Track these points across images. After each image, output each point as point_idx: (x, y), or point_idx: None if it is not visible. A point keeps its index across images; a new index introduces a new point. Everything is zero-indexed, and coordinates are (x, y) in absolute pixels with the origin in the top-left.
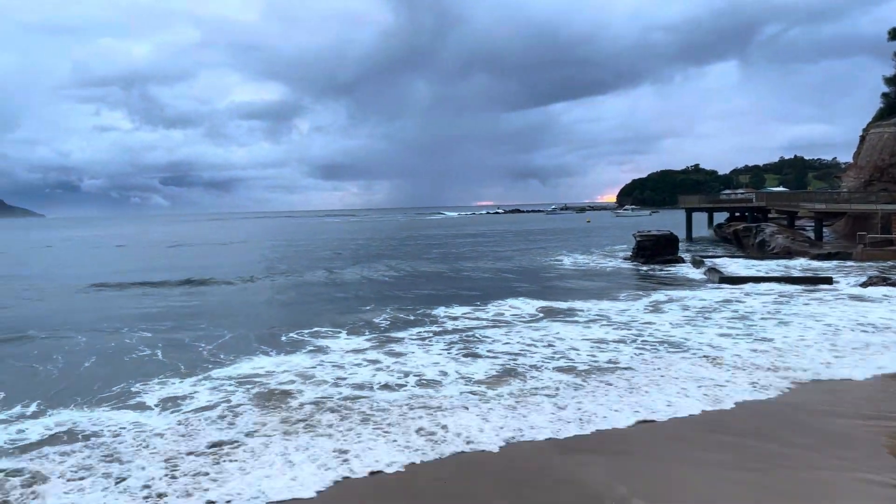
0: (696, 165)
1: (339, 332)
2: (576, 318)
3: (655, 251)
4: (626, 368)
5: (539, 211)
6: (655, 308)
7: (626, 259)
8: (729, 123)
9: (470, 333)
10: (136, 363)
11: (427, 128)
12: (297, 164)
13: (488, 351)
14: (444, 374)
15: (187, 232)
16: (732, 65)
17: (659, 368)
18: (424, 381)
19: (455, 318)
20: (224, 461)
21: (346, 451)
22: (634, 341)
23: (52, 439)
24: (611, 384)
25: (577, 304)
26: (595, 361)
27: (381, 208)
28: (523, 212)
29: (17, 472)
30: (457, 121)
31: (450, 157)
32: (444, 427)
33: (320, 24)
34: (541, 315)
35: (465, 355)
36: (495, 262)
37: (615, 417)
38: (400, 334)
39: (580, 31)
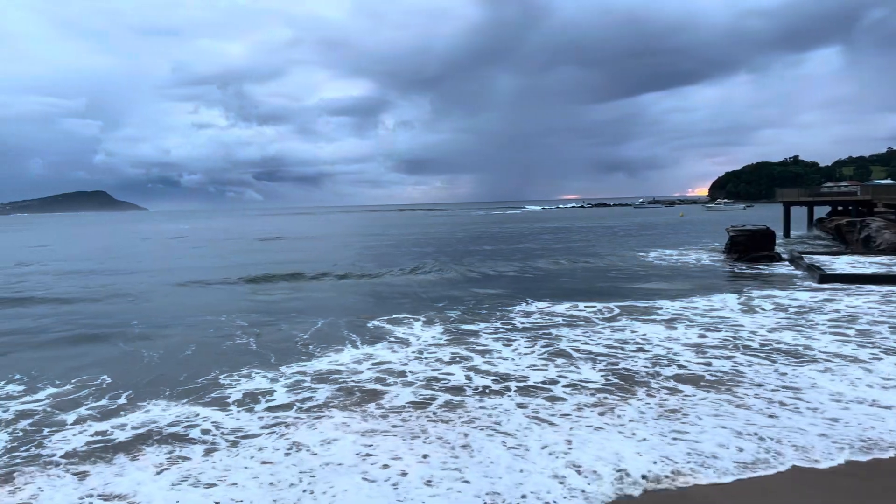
0: (796, 157)
1: (418, 324)
2: (658, 316)
3: (750, 247)
4: (758, 385)
5: (626, 205)
6: (750, 308)
7: (717, 255)
8: (831, 112)
9: (547, 330)
10: (229, 354)
11: (511, 121)
12: (383, 158)
13: (575, 350)
14: (552, 380)
15: (279, 225)
16: (835, 51)
17: (795, 384)
18: (529, 387)
19: (529, 315)
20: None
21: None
22: (737, 347)
23: (137, 438)
24: (764, 399)
25: (663, 303)
26: (710, 368)
27: (464, 202)
28: (609, 205)
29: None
30: (541, 113)
31: (534, 150)
32: (600, 458)
33: (406, 20)
34: (617, 311)
35: (553, 354)
36: (576, 256)
37: (811, 450)
38: (474, 327)
39: (670, 19)
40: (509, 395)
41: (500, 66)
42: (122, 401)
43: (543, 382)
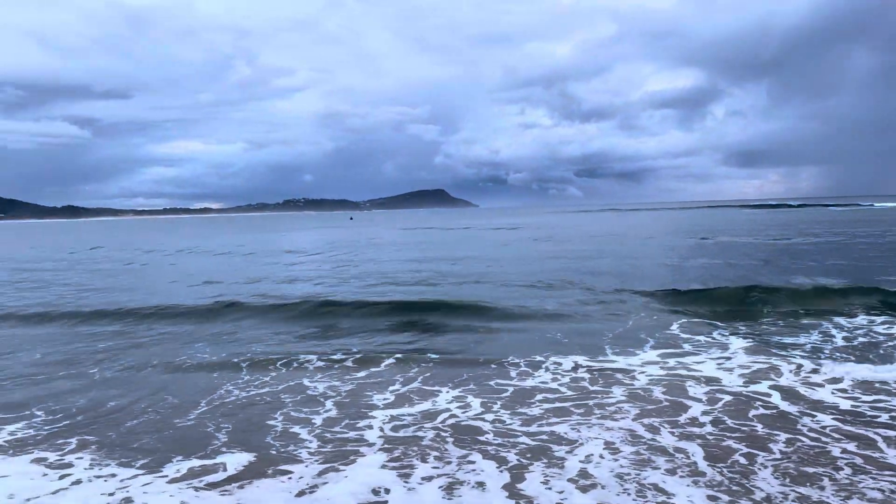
0: None
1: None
2: None
3: None
4: None
5: None
6: None
7: None
8: None
9: None
10: None
11: (870, 104)
12: (710, 151)
13: None
14: None
15: (613, 222)
16: None
17: None
18: None
19: None
20: None
21: None
22: None
23: None
24: None
25: None
26: None
27: (806, 197)
28: None
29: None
30: None
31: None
32: None
33: (741, 2)
34: None
35: None
36: None
37: None
38: None
39: None
40: None
41: (856, 42)
42: None
43: None
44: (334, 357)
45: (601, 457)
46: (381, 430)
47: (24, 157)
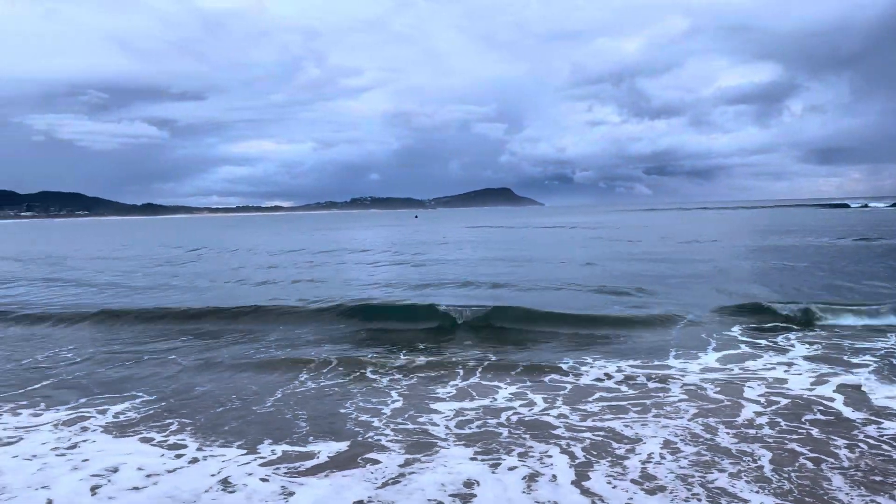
0: None
1: None
2: None
3: None
4: None
5: None
6: None
7: None
8: None
9: None
10: None
11: None
12: (787, 148)
13: None
14: None
15: (666, 222)
16: None
17: None
18: None
19: None
20: None
21: None
22: None
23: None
24: None
25: None
26: None
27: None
28: None
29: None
30: None
31: None
32: None
33: None
34: None
35: None
36: None
37: None
38: None
39: None
40: None
41: None
42: None
43: None
44: (393, 353)
45: (661, 456)
46: (450, 423)
47: (107, 157)
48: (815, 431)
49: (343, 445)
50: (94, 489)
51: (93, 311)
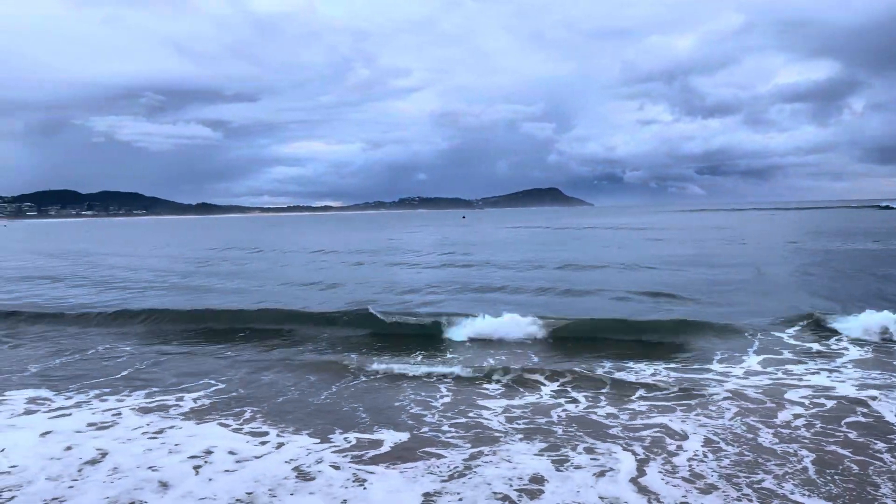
0: None
1: None
2: None
3: None
4: None
5: None
6: None
7: None
8: None
9: None
10: None
11: None
12: (847, 147)
13: None
14: None
15: (719, 223)
16: None
17: None
18: None
19: None
20: None
21: None
22: None
23: None
24: None
25: None
26: None
27: None
28: None
29: None
30: None
31: None
32: None
33: None
34: None
35: None
36: None
37: None
38: None
39: None
40: None
41: None
42: None
43: None
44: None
45: (705, 455)
46: (500, 417)
47: (163, 157)
48: (855, 435)
49: (404, 436)
50: (196, 469)
51: (143, 308)
